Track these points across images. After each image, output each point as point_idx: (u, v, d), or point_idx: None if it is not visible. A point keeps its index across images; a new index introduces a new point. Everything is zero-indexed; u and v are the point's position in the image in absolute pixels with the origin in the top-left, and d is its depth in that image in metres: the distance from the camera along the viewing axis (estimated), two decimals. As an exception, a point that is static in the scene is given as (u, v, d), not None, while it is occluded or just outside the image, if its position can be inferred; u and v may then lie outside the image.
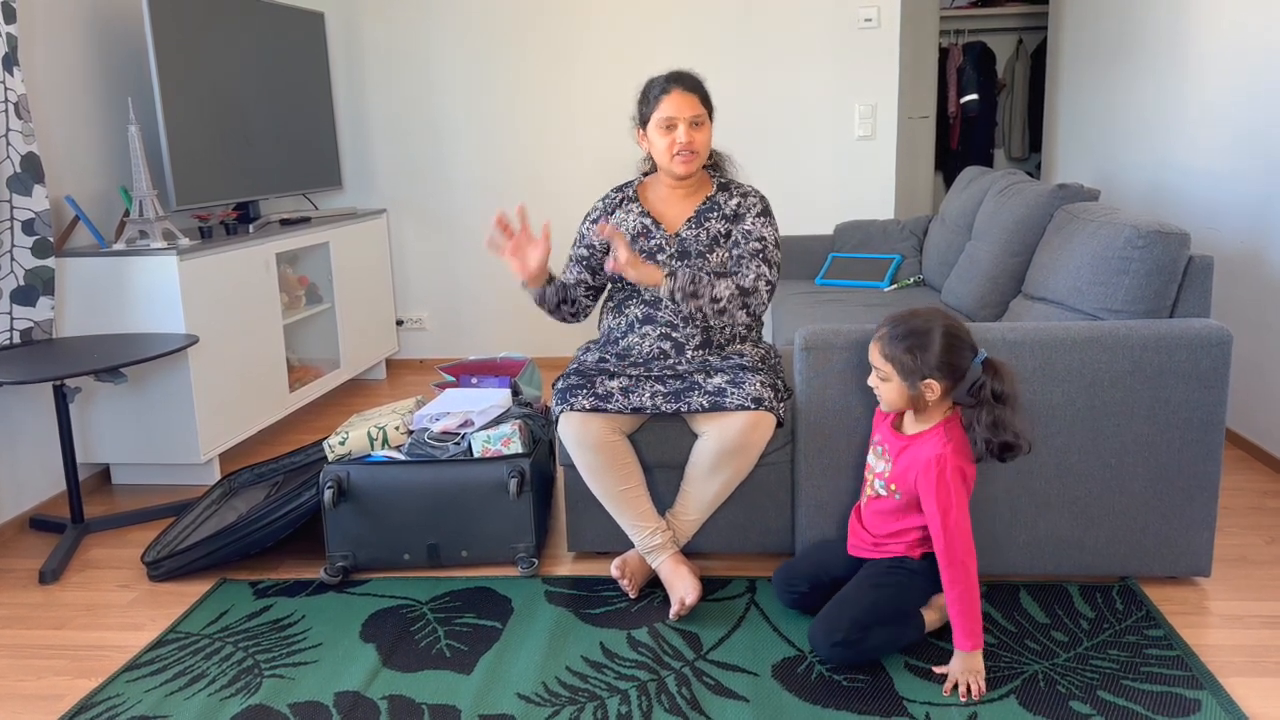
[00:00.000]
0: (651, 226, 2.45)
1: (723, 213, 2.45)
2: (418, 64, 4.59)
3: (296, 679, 2.05)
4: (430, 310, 4.84)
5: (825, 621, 2.00)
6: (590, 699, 1.95)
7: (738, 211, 2.45)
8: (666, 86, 2.36)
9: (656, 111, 2.37)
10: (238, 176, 3.65)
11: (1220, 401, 2.19)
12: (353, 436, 2.56)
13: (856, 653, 1.98)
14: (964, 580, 1.91)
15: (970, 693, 1.91)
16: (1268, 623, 2.18)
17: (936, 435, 1.99)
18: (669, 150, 2.37)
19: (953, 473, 1.94)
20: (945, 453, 1.94)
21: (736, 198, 2.47)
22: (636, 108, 2.45)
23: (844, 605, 2.02)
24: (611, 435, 2.32)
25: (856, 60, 4.42)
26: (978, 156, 6.55)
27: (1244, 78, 3.23)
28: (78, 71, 3.24)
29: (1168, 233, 2.25)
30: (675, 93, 2.35)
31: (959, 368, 1.95)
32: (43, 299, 2.93)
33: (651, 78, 2.43)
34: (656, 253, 2.43)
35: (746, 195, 2.48)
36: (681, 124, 2.35)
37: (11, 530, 2.93)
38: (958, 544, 1.92)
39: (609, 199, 2.55)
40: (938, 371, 1.94)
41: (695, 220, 2.44)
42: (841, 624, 1.97)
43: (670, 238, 2.44)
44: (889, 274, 3.90)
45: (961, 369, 1.95)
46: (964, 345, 1.96)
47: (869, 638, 1.98)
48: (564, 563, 2.58)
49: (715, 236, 2.43)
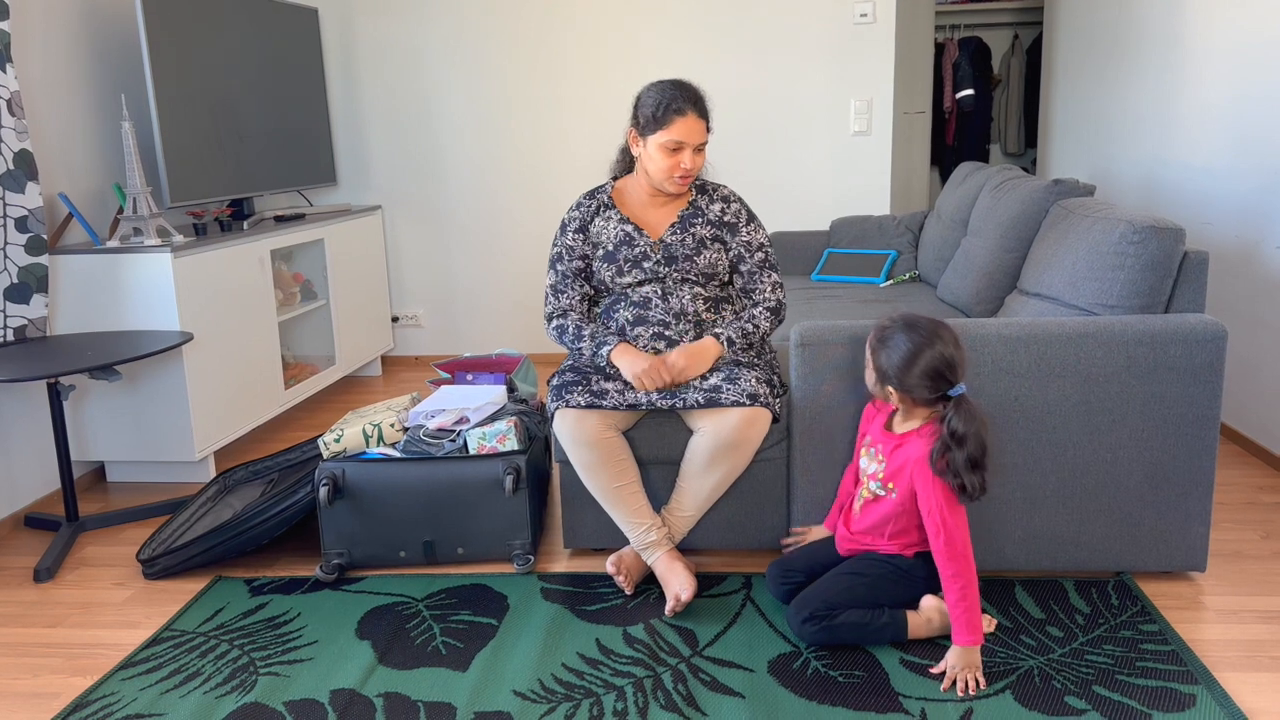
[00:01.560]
0: (634, 234, 2.43)
1: (706, 217, 2.45)
2: (412, 60, 4.58)
3: (292, 677, 2.05)
4: (425, 307, 4.84)
5: (799, 601, 2.06)
6: (586, 696, 1.95)
7: (723, 219, 2.45)
8: (681, 108, 2.29)
9: (665, 130, 2.30)
10: (232, 173, 3.64)
11: (1215, 397, 2.20)
12: (348, 434, 2.56)
13: (825, 631, 2.01)
14: (965, 574, 1.92)
15: (968, 688, 1.91)
16: (1263, 617, 2.19)
17: (926, 434, 2.00)
18: (669, 171, 2.34)
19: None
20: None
21: (718, 202, 2.46)
22: (637, 111, 2.37)
23: (819, 586, 2.07)
24: (607, 432, 2.32)
25: (852, 56, 4.42)
26: (973, 152, 6.55)
27: (1239, 73, 3.23)
28: (71, 68, 3.22)
29: (1163, 228, 2.25)
30: (689, 117, 2.29)
31: (926, 395, 1.97)
32: (36, 296, 2.92)
33: (662, 88, 2.33)
34: (642, 260, 2.41)
35: (728, 201, 2.47)
36: (688, 149, 2.32)
37: (6, 528, 2.92)
38: (956, 538, 1.93)
39: (584, 207, 2.49)
40: (903, 387, 1.98)
41: (679, 225, 2.44)
42: (812, 602, 2.02)
43: (655, 244, 2.42)
44: (885, 270, 3.90)
45: (929, 397, 1.98)
46: (941, 377, 1.95)
47: (840, 616, 2.01)
48: (560, 559, 2.57)
49: (701, 240, 2.42)
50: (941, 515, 1.94)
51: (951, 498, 1.94)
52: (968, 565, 1.93)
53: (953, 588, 1.93)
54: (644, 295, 2.42)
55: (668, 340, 2.39)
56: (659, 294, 2.40)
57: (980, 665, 1.94)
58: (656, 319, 2.40)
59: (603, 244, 2.45)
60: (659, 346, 2.39)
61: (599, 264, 2.45)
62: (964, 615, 1.93)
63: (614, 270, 2.43)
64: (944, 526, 1.93)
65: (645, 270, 2.41)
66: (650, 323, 2.40)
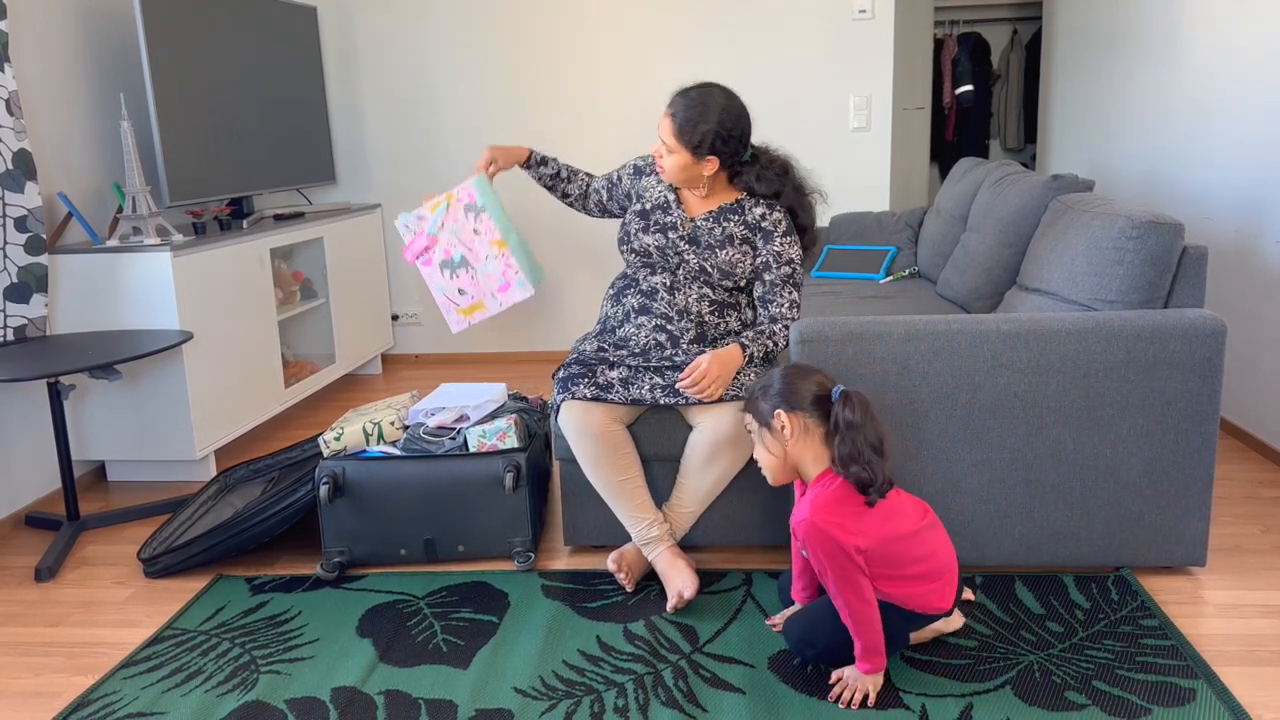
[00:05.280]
0: (673, 203, 2.48)
1: (744, 218, 2.44)
2: (411, 57, 4.58)
3: (293, 675, 2.05)
4: (425, 305, 4.83)
5: (785, 627, 2.05)
6: (587, 693, 1.95)
7: (761, 225, 2.43)
8: (670, 102, 2.36)
9: None
10: (231, 172, 3.64)
11: (1214, 391, 2.20)
12: (348, 432, 2.56)
13: (817, 655, 1.97)
14: (854, 623, 1.85)
15: (853, 703, 1.85)
16: (1263, 612, 2.19)
17: (810, 495, 1.92)
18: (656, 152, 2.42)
19: (819, 535, 1.83)
20: (809, 519, 1.85)
21: (762, 208, 2.44)
22: None
23: (800, 616, 2.02)
24: (612, 425, 2.33)
25: (851, 52, 4.41)
26: (973, 148, 6.55)
27: (1238, 67, 3.23)
28: (69, 67, 3.22)
29: (1162, 223, 2.25)
30: (665, 114, 2.35)
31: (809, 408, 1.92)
32: (36, 296, 2.92)
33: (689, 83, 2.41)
34: (669, 229, 2.44)
35: (772, 209, 2.44)
36: (661, 142, 2.38)
37: (7, 528, 2.93)
38: (841, 597, 1.84)
39: (646, 159, 2.60)
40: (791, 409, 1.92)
41: (716, 215, 2.44)
42: (794, 633, 1.99)
43: (686, 220, 2.45)
44: (884, 266, 3.90)
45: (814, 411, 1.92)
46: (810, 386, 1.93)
47: (821, 645, 1.94)
48: (560, 557, 2.58)
49: (730, 236, 2.42)
50: (826, 579, 1.87)
51: (827, 569, 1.84)
52: (854, 620, 1.84)
53: (850, 628, 1.87)
54: (653, 285, 2.43)
55: (668, 334, 2.40)
56: (667, 286, 2.42)
57: (872, 688, 1.86)
58: (660, 311, 2.41)
59: (644, 199, 2.52)
60: (659, 339, 2.40)
61: (631, 216, 2.52)
62: (860, 651, 1.86)
63: (641, 225, 2.48)
64: (830, 587, 1.87)
65: (668, 240, 2.43)
66: (654, 314, 2.41)
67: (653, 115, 4.53)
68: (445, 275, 2.55)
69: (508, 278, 2.52)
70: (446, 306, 2.57)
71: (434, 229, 2.52)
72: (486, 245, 2.51)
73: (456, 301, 2.56)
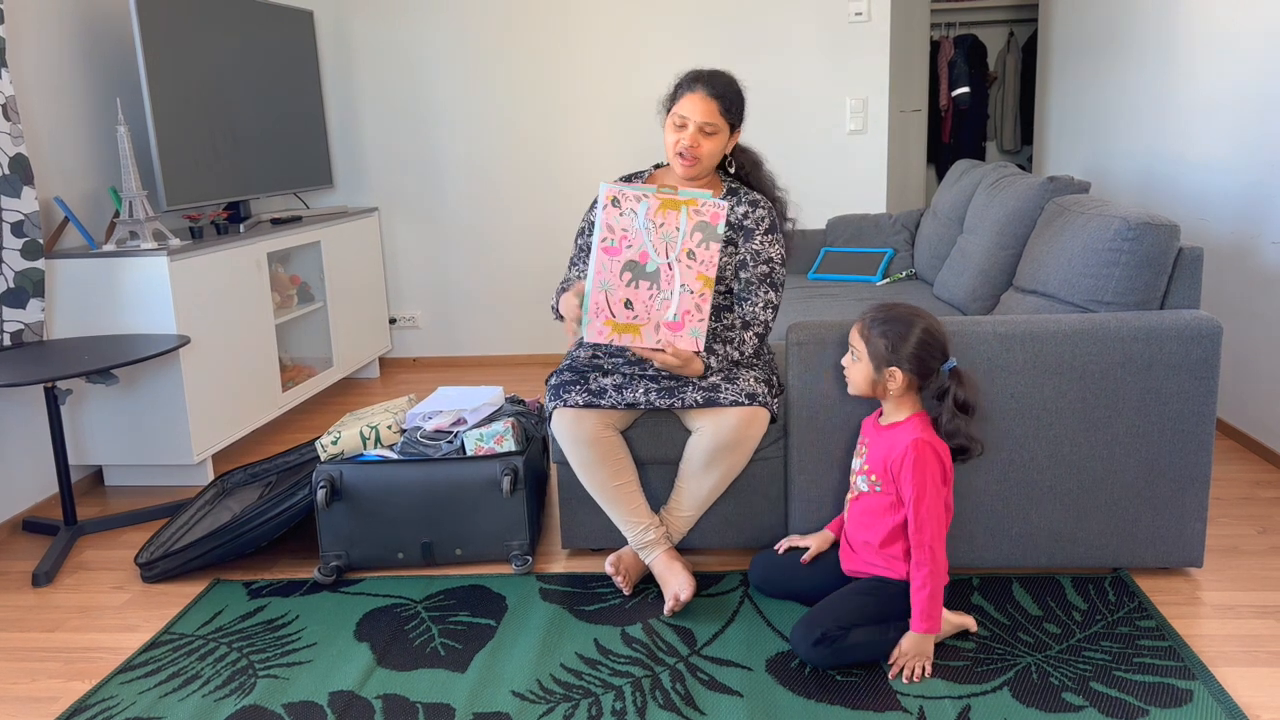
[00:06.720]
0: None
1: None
2: (408, 61, 4.58)
3: (291, 679, 2.05)
4: (423, 308, 4.84)
5: (807, 622, 2.00)
6: (585, 696, 1.95)
7: (744, 223, 2.39)
8: (691, 85, 2.30)
9: (675, 106, 2.32)
10: (228, 176, 3.64)
11: (1211, 392, 2.20)
12: (345, 436, 2.56)
13: (835, 652, 1.97)
14: (930, 564, 1.95)
15: (914, 676, 1.94)
16: (1260, 613, 2.19)
17: (912, 424, 2.04)
18: (674, 147, 2.33)
19: (929, 457, 1.98)
20: (921, 438, 1.99)
21: (745, 205, 2.40)
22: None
23: (828, 607, 2.03)
24: (605, 431, 2.32)
25: (847, 54, 4.42)
26: (970, 149, 6.55)
27: (1234, 68, 3.23)
28: (66, 72, 3.22)
29: (1157, 224, 2.26)
30: (697, 94, 2.28)
31: (927, 367, 2.02)
32: (33, 301, 2.92)
33: (687, 72, 2.36)
34: None
35: (756, 205, 2.41)
36: (691, 125, 2.29)
37: (4, 533, 2.92)
38: (928, 529, 1.95)
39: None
40: (905, 363, 2.01)
41: None
42: (824, 622, 1.98)
43: None
44: (881, 268, 3.90)
45: (928, 369, 2.03)
46: (936, 348, 2.03)
47: (850, 636, 1.97)
48: (558, 560, 2.58)
49: None
50: (916, 507, 1.96)
51: (926, 491, 1.96)
52: (933, 557, 1.95)
53: (917, 575, 1.95)
54: None
55: None
56: None
57: (931, 655, 1.97)
58: None
59: None
60: None
61: None
62: (924, 603, 1.95)
63: None
64: (916, 517, 1.96)
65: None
66: None
67: (649, 118, 4.54)
68: (622, 278, 2.13)
69: (686, 321, 2.17)
70: (598, 309, 2.13)
71: (643, 224, 2.11)
72: (694, 277, 2.15)
73: (614, 312, 2.15)
